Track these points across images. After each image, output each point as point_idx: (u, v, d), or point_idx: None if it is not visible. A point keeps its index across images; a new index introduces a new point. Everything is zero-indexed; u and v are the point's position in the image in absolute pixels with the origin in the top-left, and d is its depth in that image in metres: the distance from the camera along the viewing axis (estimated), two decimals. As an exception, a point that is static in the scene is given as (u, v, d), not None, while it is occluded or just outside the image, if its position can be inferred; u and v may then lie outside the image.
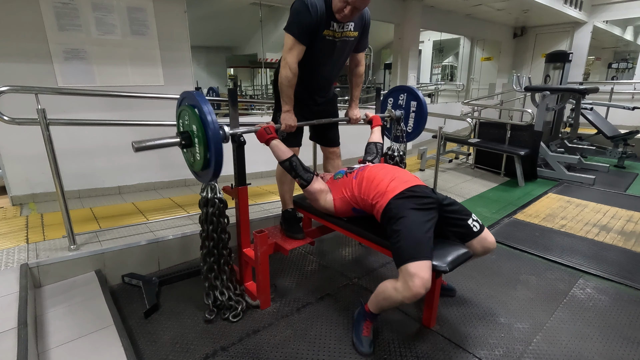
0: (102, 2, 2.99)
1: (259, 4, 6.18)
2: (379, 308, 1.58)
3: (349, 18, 1.78)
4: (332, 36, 1.86)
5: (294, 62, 1.81)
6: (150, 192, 3.40)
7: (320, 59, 1.94)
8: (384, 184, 1.67)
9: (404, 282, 1.40)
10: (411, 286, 1.37)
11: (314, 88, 2.07)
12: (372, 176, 1.74)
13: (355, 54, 2.09)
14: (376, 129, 2.30)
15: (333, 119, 2.21)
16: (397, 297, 1.43)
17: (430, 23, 6.65)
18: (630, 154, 5.30)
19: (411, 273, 1.38)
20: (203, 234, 1.78)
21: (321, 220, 2.08)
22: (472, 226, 1.65)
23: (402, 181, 1.67)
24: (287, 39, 1.80)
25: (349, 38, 1.92)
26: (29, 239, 2.21)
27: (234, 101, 1.79)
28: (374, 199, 1.67)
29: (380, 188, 1.67)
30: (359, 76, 2.19)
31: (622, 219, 3.14)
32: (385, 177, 1.70)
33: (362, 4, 1.72)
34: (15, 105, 2.01)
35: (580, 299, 2.01)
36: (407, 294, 1.39)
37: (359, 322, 1.66)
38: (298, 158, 1.84)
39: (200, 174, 1.65)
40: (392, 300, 1.47)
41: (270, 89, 9.82)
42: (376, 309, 1.59)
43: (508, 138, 4.37)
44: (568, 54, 4.94)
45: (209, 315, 1.79)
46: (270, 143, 1.83)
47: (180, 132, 1.61)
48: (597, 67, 13.23)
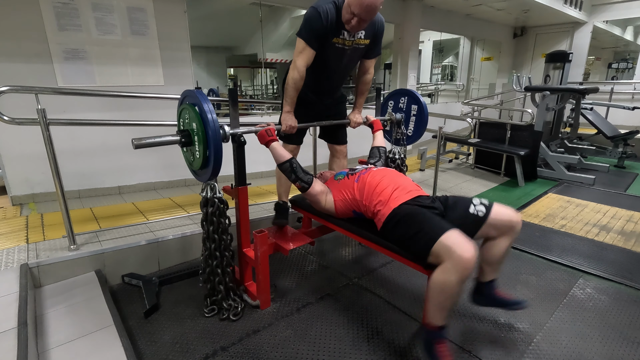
0: (102, 2, 2.99)
1: (259, 4, 6.18)
2: (442, 310, 1.36)
3: (357, 29, 1.81)
4: (342, 44, 1.90)
5: (302, 65, 1.85)
6: (150, 192, 3.40)
7: (329, 65, 1.98)
8: (387, 192, 1.62)
9: (447, 259, 1.26)
10: (459, 256, 1.23)
11: (321, 91, 2.12)
12: (375, 182, 1.69)
13: (364, 60, 2.11)
14: (378, 133, 2.31)
15: (334, 122, 2.22)
16: (453, 280, 1.26)
17: (430, 23, 6.65)
18: (630, 154, 5.30)
19: (448, 245, 1.26)
20: (204, 235, 1.77)
21: (321, 220, 2.08)
22: (475, 213, 1.51)
23: (405, 191, 1.62)
24: (299, 43, 1.85)
25: (359, 46, 1.96)
26: (29, 239, 2.21)
27: (235, 101, 1.80)
28: (376, 206, 1.63)
29: (383, 196, 1.62)
30: (365, 84, 2.21)
31: (622, 219, 3.14)
32: (388, 185, 1.65)
33: (368, 15, 1.73)
34: (15, 105, 2.01)
35: (580, 299, 2.01)
36: (460, 267, 1.23)
37: (430, 350, 1.40)
38: (297, 161, 1.85)
39: (199, 172, 1.65)
40: (450, 287, 1.28)
41: (270, 89, 9.84)
42: (439, 316, 1.37)
43: (508, 138, 4.37)
44: (568, 54, 4.94)
45: (208, 314, 1.79)
46: (270, 145, 1.83)
47: (180, 130, 1.61)
48: (597, 67, 13.23)
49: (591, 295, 2.04)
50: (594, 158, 5.61)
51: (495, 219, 1.49)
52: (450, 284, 1.28)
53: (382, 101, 2.67)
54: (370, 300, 1.98)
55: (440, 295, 1.32)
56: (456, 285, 1.28)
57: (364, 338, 1.68)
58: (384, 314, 1.85)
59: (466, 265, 1.23)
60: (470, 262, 1.24)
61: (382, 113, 2.63)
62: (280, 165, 1.83)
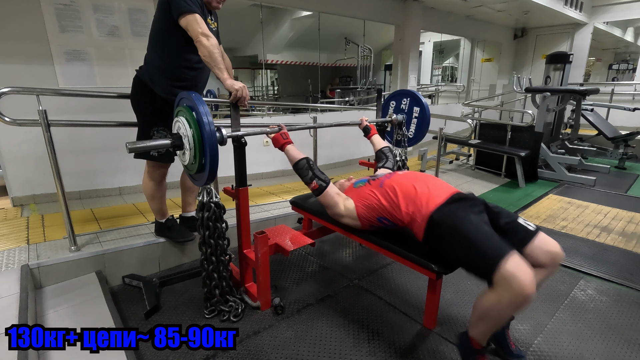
0: (103, 3, 2.99)
1: (260, 6, 6.19)
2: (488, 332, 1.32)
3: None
4: None
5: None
6: (151, 193, 3.39)
7: None
8: (423, 193, 1.47)
9: (507, 288, 1.14)
10: (520, 288, 1.11)
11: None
12: (403, 185, 1.55)
13: None
14: (375, 137, 2.31)
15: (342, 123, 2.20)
16: (508, 310, 1.19)
17: (431, 24, 6.65)
18: (631, 155, 5.29)
19: (510, 273, 1.13)
20: (200, 240, 1.75)
21: (321, 221, 2.08)
22: (525, 225, 1.37)
23: (441, 190, 1.48)
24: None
25: None
26: (30, 239, 2.21)
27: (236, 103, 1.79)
28: (409, 209, 1.48)
29: (418, 199, 1.47)
30: None
31: (623, 220, 3.13)
32: (418, 185, 1.52)
33: None
34: (16, 106, 2.01)
35: (581, 300, 2.01)
36: (518, 299, 1.13)
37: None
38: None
39: (196, 176, 1.63)
40: (504, 315, 1.23)
41: (270, 90, 9.84)
42: (484, 336, 1.33)
43: (508, 139, 4.37)
44: (568, 55, 4.94)
45: (209, 315, 1.79)
46: (285, 148, 1.84)
47: (172, 134, 1.57)
48: (597, 69, 13.23)
49: (592, 296, 2.04)
50: (594, 159, 5.60)
51: (544, 242, 1.34)
52: (505, 313, 1.22)
53: (382, 102, 2.66)
54: (371, 301, 1.98)
55: (492, 320, 1.27)
56: (510, 313, 1.23)
57: (365, 339, 1.67)
58: (384, 315, 1.85)
59: (526, 299, 1.13)
60: (531, 296, 1.12)
61: (384, 114, 2.62)
62: (296, 164, 1.81)
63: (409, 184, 1.56)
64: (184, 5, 1.70)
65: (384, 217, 1.62)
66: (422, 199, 1.47)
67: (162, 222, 2.25)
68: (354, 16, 5.52)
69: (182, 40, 1.80)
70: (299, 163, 1.79)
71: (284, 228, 2.12)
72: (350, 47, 8.64)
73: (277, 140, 1.85)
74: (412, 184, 1.55)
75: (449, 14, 6.75)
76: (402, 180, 1.61)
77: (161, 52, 1.89)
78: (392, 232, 1.72)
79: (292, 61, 9.21)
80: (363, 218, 1.69)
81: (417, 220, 1.46)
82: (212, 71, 1.77)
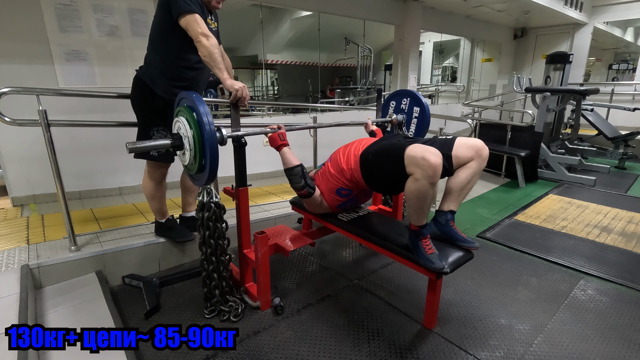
0: (103, 3, 2.99)
1: (260, 6, 6.19)
2: (421, 213, 1.52)
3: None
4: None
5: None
6: (151, 193, 3.39)
7: None
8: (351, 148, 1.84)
9: (415, 163, 1.41)
10: (424, 159, 1.38)
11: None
12: (341, 148, 1.91)
13: None
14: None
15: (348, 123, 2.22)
16: (424, 185, 1.42)
17: (431, 24, 6.65)
18: (631, 155, 5.29)
19: (413, 152, 1.43)
20: (200, 240, 1.76)
21: (321, 221, 2.08)
22: (445, 136, 1.73)
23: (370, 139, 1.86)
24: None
25: None
26: (30, 239, 2.21)
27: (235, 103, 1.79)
28: (350, 164, 1.80)
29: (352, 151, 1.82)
30: None
31: (623, 220, 3.13)
32: (350, 145, 1.87)
33: None
34: (16, 106, 2.01)
35: (581, 300, 2.01)
36: (427, 170, 1.38)
37: (417, 245, 1.57)
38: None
39: (196, 177, 1.63)
40: (423, 192, 1.44)
41: (270, 90, 9.84)
42: (419, 217, 1.53)
43: (508, 139, 4.37)
44: (568, 55, 4.95)
45: (209, 315, 1.79)
46: (281, 150, 1.85)
47: (172, 134, 1.58)
48: (597, 69, 13.24)
49: (592, 296, 2.04)
50: (594, 159, 5.60)
51: (462, 140, 1.66)
52: (422, 188, 1.43)
53: (382, 102, 2.66)
54: (371, 301, 1.98)
55: (417, 201, 1.49)
56: (428, 189, 1.43)
57: (365, 339, 1.67)
58: (384, 315, 1.85)
59: (433, 169, 1.37)
60: (437, 166, 1.37)
61: (384, 114, 2.62)
62: (290, 169, 1.84)
63: (345, 146, 1.89)
64: (184, 5, 1.70)
65: (340, 187, 1.87)
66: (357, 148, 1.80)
67: (162, 222, 2.25)
68: (354, 16, 5.52)
69: (182, 40, 1.80)
70: (294, 169, 1.84)
71: (284, 228, 2.12)
72: (350, 47, 8.64)
73: (274, 140, 1.86)
74: (347, 145, 1.88)
75: (449, 14, 6.75)
76: (340, 148, 1.92)
77: (161, 52, 1.89)
78: (392, 231, 1.72)
79: (292, 61, 9.21)
80: (329, 200, 1.94)
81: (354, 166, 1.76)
82: (212, 71, 1.77)
